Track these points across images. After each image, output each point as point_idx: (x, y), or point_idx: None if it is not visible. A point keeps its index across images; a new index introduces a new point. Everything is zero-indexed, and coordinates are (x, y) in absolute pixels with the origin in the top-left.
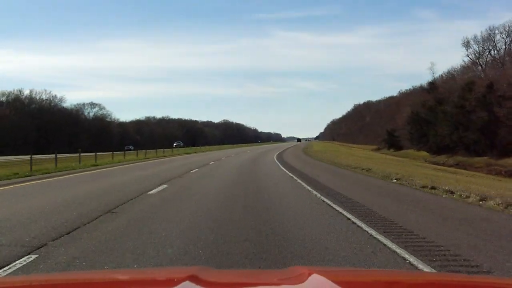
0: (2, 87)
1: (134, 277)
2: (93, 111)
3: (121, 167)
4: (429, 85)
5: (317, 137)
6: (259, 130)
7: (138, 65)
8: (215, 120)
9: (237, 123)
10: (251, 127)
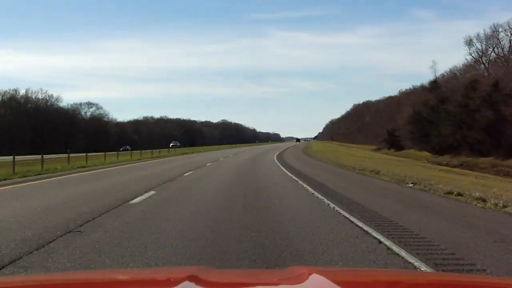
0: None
1: (134, 277)
2: (90, 111)
3: (110, 169)
4: (431, 84)
5: (315, 137)
6: (257, 130)
7: (137, 65)
8: (214, 120)
9: (236, 123)
10: (250, 127)
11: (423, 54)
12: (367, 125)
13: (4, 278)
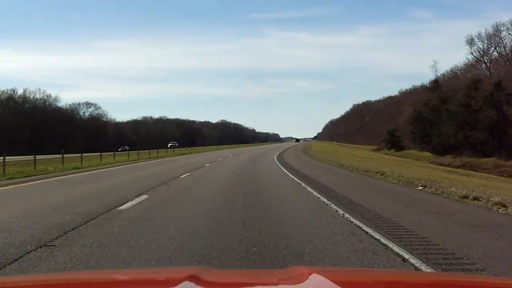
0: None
1: (134, 277)
2: (88, 110)
3: (104, 171)
4: (432, 83)
5: (315, 137)
6: (257, 130)
7: (137, 65)
8: (213, 120)
9: (235, 123)
10: (249, 127)
11: (422, 54)
12: (366, 125)
13: (4, 278)
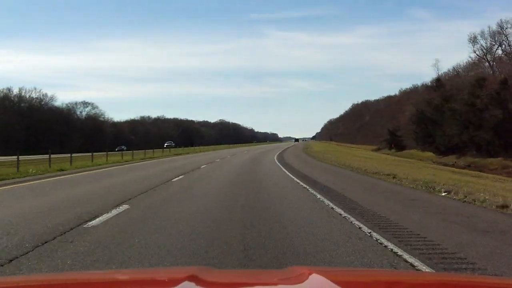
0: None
1: (134, 277)
2: (85, 110)
3: (90, 173)
4: (435, 82)
5: (313, 137)
6: (255, 130)
7: (137, 65)
8: (212, 120)
9: (234, 123)
10: (248, 127)
11: (422, 54)
12: (366, 125)
13: (4, 278)
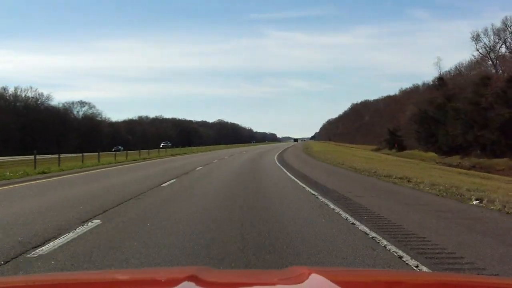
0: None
1: (134, 277)
2: (82, 110)
3: (71, 176)
4: (438, 81)
5: (312, 137)
6: (254, 130)
7: (137, 65)
8: (210, 120)
9: (232, 123)
10: (246, 127)
11: (421, 54)
12: (365, 124)
13: (4, 278)
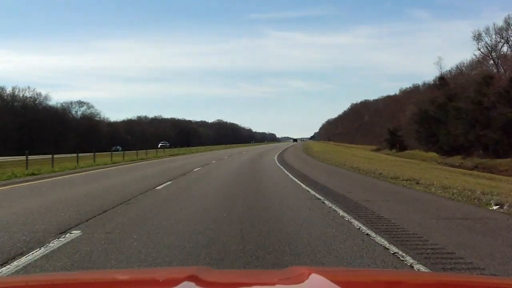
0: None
1: (134, 277)
2: (81, 110)
3: (57, 179)
4: (439, 80)
5: (311, 137)
6: (253, 130)
7: (137, 65)
8: (209, 120)
9: (231, 123)
10: (245, 127)
11: (421, 54)
12: (365, 124)
13: (4, 278)
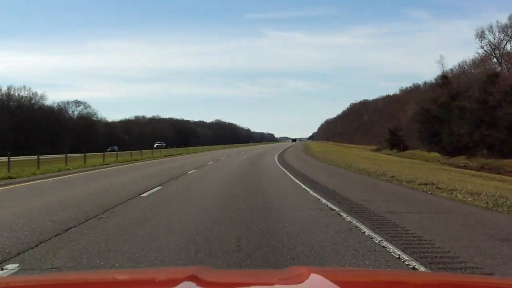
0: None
1: (134, 277)
2: (77, 109)
3: (38, 183)
4: (441, 79)
5: (310, 137)
6: (251, 130)
7: (137, 65)
8: (208, 120)
9: (230, 123)
10: (244, 127)
11: (421, 54)
12: (365, 124)
13: (4, 278)
